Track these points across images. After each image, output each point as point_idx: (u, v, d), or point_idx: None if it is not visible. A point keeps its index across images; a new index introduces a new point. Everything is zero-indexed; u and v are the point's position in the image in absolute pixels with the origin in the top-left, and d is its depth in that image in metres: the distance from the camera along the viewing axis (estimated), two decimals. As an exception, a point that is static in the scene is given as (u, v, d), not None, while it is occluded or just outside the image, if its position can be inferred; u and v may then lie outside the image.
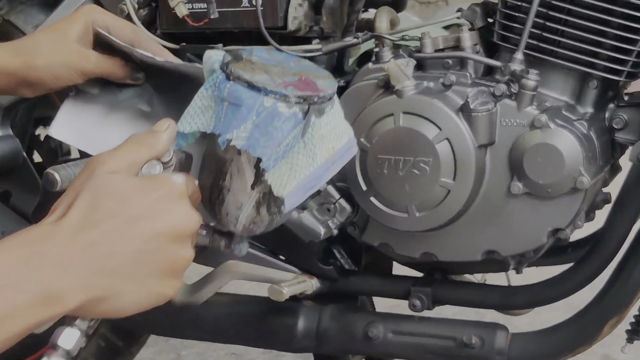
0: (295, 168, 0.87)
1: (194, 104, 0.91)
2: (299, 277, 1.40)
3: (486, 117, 1.25)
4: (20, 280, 0.75)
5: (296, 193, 0.87)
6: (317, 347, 1.44)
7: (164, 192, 0.82)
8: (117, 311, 0.82)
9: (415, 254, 1.35)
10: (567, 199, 1.25)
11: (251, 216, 0.91)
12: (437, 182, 1.26)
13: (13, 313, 0.75)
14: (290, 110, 0.88)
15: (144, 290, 0.81)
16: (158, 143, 0.86)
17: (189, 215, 0.83)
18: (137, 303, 0.82)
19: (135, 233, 0.80)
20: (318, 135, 0.90)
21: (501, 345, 1.34)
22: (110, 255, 0.79)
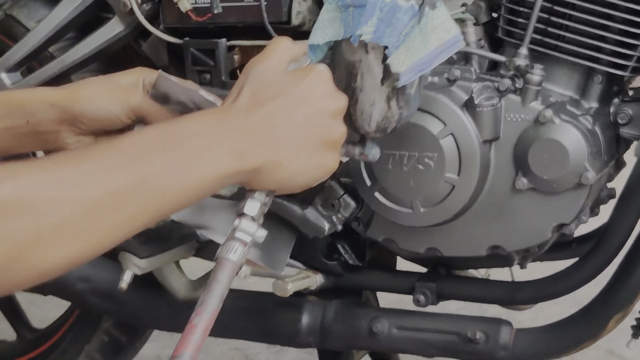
0: (411, 50, 0.98)
1: (321, 18, 1.01)
2: (303, 273, 1.40)
3: (491, 112, 1.25)
4: (211, 137, 0.87)
5: (410, 71, 0.98)
6: (321, 343, 1.44)
7: (314, 76, 0.94)
8: (290, 178, 0.92)
9: (419, 249, 1.34)
10: (572, 194, 1.25)
11: (383, 111, 1.00)
12: (441, 178, 1.26)
13: (209, 159, 0.86)
14: (408, 3, 0.99)
15: (311, 160, 0.93)
16: (297, 46, 0.98)
17: (337, 95, 0.96)
18: (306, 172, 0.93)
19: (297, 111, 0.92)
20: (431, 25, 1.00)
21: (505, 341, 1.34)
22: (280, 127, 0.91)
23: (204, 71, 1.45)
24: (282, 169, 0.91)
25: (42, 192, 0.78)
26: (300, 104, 0.92)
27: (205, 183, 0.87)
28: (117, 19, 1.50)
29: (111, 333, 1.75)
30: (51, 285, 1.53)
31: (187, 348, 0.86)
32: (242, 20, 1.41)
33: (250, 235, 0.92)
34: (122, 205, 0.81)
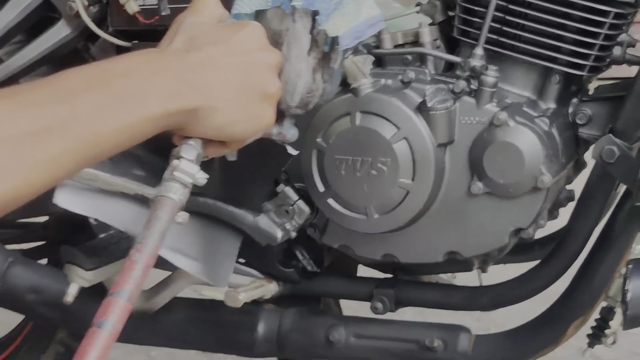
0: (346, 16, 1.01)
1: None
2: (256, 282, 1.36)
3: (445, 115, 1.22)
4: (146, 75, 0.85)
5: (348, 37, 1.01)
6: (278, 352, 1.40)
7: (250, 29, 0.94)
8: (226, 125, 0.91)
9: (376, 255, 1.31)
10: (528, 198, 1.22)
11: (308, 83, 0.99)
12: (395, 183, 1.22)
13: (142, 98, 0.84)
14: None
15: (248, 109, 0.92)
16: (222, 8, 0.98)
17: (273, 49, 0.96)
18: (243, 121, 0.92)
19: (235, 58, 0.92)
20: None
21: (464, 348, 1.31)
22: (218, 72, 0.90)
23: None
24: (219, 115, 0.89)
25: None
26: (238, 52, 0.92)
27: (138, 124, 0.84)
28: (64, 22, 1.46)
29: (67, 343, 1.71)
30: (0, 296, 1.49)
31: (127, 284, 0.83)
32: (191, 22, 1.36)
33: (190, 177, 0.90)
34: (49, 143, 0.78)
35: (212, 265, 1.27)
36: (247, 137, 0.94)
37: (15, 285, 1.48)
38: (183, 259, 1.25)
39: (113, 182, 1.23)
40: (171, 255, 1.24)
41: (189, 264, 1.26)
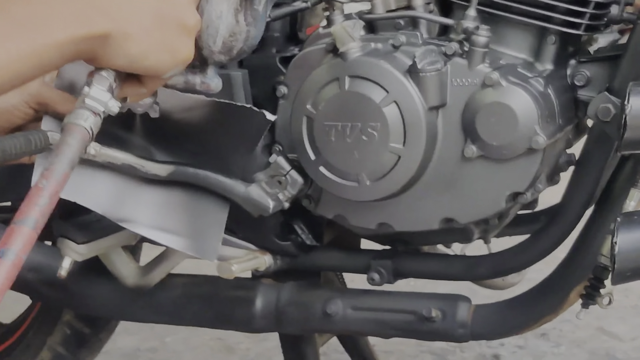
0: None
1: None
2: (250, 254, 1.34)
3: (435, 77, 1.19)
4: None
5: None
6: (276, 327, 1.38)
7: None
8: (141, 55, 0.85)
9: (371, 225, 1.28)
10: (524, 161, 1.18)
11: (231, 25, 0.94)
12: (386, 148, 1.20)
13: (46, 22, 0.79)
14: None
15: (165, 40, 0.86)
16: None
17: None
18: (159, 52, 0.86)
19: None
20: None
21: (463, 318, 1.28)
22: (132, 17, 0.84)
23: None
24: (131, 43, 0.84)
25: None
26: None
27: (43, 51, 0.79)
28: None
29: (73, 325, 1.70)
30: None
31: (32, 211, 0.77)
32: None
33: (101, 105, 0.85)
34: None
35: (198, 239, 1.25)
36: (163, 71, 0.88)
37: (15, 265, 1.47)
38: (167, 236, 1.23)
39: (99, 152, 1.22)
40: (154, 234, 1.23)
41: (174, 240, 1.24)
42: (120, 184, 1.23)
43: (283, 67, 1.33)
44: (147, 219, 1.22)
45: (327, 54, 1.26)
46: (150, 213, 1.23)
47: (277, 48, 1.39)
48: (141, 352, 2.24)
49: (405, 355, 2.20)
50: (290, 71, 1.30)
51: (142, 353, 2.25)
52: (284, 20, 1.39)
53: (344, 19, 1.28)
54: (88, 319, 1.69)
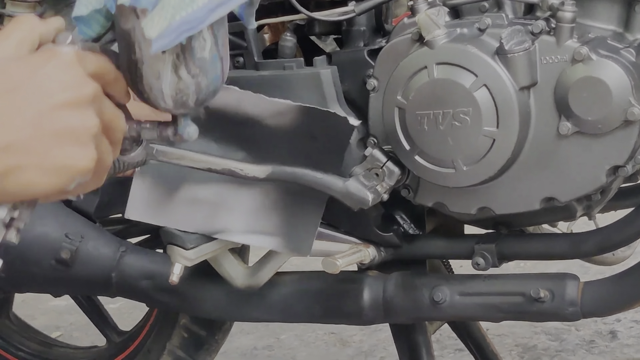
0: (166, 9, 0.82)
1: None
2: (354, 247, 1.35)
3: (524, 56, 1.18)
4: None
5: (168, 35, 0.82)
6: (385, 317, 1.39)
7: (53, 63, 0.80)
8: (26, 187, 0.79)
9: (471, 210, 1.28)
10: (621, 134, 1.17)
11: (174, 83, 0.86)
12: (480, 132, 1.19)
13: None
14: None
15: (48, 162, 0.79)
16: (42, 24, 0.84)
17: (81, 82, 0.81)
18: (45, 177, 0.79)
19: (25, 107, 0.79)
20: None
21: (572, 296, 1.26)
22: (2, 134, 0.78)
23: (236, 55, 1.42)
24: (12, 180, 0.78)
25: None
26: (30, 98, 0.79)
27: None
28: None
29: (189, 328, 1.74)
30: (116, 286, 1.54)
31: None
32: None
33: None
34: None
35: (292, 236, 1.27)
36: (62, 188, 0.80)
37: (130, 273, 1.53)
38: (261, 238, 1.25)
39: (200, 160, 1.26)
40: (248, 238, 1.25)
41: (268, 241, 1.26)
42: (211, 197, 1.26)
43: (371, 60, 1.34)
44: (241, 225, 1.25)
45: (414, 44, 1.26)
46: (243, 219, 1.26)
47: (365, 41, 1.40)
48: (258, 351, 2.29)
49: (520, 337, 2.18)
50: (378, 64, 1.31)
51: (259, 351, 2.29)
52: (369, 13, 1.39)
53: (428, 7, 1.28)
54: (204, 321, 1.74)
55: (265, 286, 1.42)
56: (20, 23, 0.84)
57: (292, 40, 1.40)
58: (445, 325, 1.65)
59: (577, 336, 2.16)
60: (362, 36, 1.40)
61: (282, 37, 1.41)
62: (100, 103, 0.83)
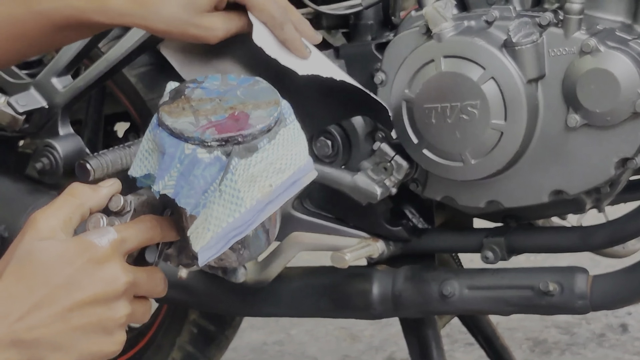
0: (209, 220, 0.83)
1: (142, 146, 0.89)
2: (362, 242, 1.35)
3: (531, 49, 1.18)
4: None
5: (214, 245, 0.83)
6: (394, 312, 1.39)
7: (85, 257, 0.82)
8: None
9: (479, 203, 1.28)
10: (629, 125, 1.16)
11: (216, 255, 0.87)
12: (488, 125, 1.19)
13: None
14: (211, 155, 0.84)
15: (74, 354, 0.82)
16: (95, 196, 0.85)
17: (113, 277, 0.83)
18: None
19: (55, 301, 0.81)
20: (245, 176, 0.84)
21: (582, 289, 1.26)
22: (30, 328, 0.80)
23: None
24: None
25: None
26: (60, 296, 0.81)
27: None
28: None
29: (199, 324, 1.74)
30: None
31: None
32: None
33: None
34: None
35: None
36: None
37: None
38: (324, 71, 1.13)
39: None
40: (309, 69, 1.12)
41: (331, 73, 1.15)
42: None
43: (379, 53, 1.34)
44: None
45: (421, 37, 1.26)
46: None
47: (372, 35, 1.40)
48: (268, 346, 2.29)
49: (530, 331, 2.18)
50: (386, 57, 1.30)
51: (269, 347, 2.29)
52: (377, 6, 1.39)
53: (435, 0, 1.28)
54: (213, 317, 1.74)
55: (274, 281, 1.42)
56: (72, 196, 0.85)
57: (300, 35, 1.40)
58: (455, 319, 1.65)
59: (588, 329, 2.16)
60: (370, 30, 1.40)
61: (289, 31, 1.40)
62: (134, 288, 0.84)
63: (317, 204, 1.41)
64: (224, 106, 0.88)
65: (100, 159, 1.12)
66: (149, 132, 0.88)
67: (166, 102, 0.89)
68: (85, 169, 1.11)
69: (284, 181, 0.86)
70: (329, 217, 1.41)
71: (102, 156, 1.13)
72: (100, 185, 0.87)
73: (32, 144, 1.60)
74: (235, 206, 0.83)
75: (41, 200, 1.52)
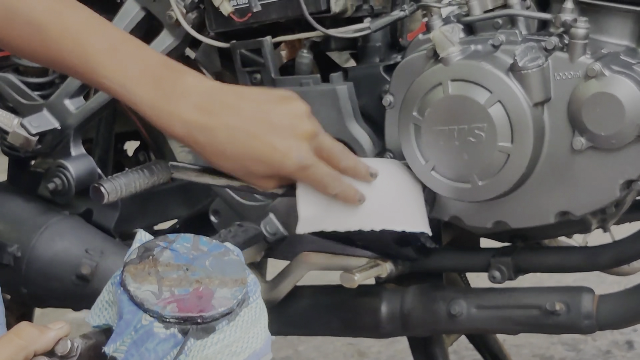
0: None
1: (102, 297, 0.89)
2: (371, 262, 1.37)
3: (537, 73, 1.20)
4: None
5: None
6: (403, 331, 1.41)
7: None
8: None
9: (486, 224, 1.30)
10: (634, 148, 1.18)
11: None
12: (495, 148, 1.21)
13: None
14: (167, 332, 0.83)
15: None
16: (41, 338, 0.84)
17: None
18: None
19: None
20: (198, 358, 0.83)
21: (588, 309, 1.28)
22: None
23: (253, 72, 1.44)
24: None
25: None
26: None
27: None
28: (167, 31, 1.51)
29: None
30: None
31: None
32: (283, 16, 1.39)
33: None
34: None
35: (409, 214, 1.25)
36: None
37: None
38: (381, 220, 1.21)
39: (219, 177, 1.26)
40: (367, 223, 1.21)
41: (389, 221, 1.22)
42: None
43: (387, 75, 1.36)
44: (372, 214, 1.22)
45: (429, 60, 1.28)
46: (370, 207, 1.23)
47: (380, 57, 1.42)
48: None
49: (537, 348, 2.19)
50: (394, 80, 1.32)
51: (278, 363, 2.31)
52: (384, 29, 1.41)
53: (442, 24, 1.30)
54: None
55: (284, 300, 1.44)
56: (17, 337, 0.83)
57: (309, 57, 1.42)
58: (462, 337, 1.66)
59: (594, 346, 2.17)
60: (378, 52, 1.42)
61: (298, 53, 1.43)
62: None
63: (326, 224, 1.43)
64: (189, 278, 0.87)
65: (115, 182, 1.14)
66: (111, 285, 0.87)
67: (132, 260, 0.88)
68: (100, 192, 1.13)
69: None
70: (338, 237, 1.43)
71: (116, 179, 1.15)
72: (48, 327, 0.86)
73: (44, 163, 1.62)
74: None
75: (53, 220, 1.55)
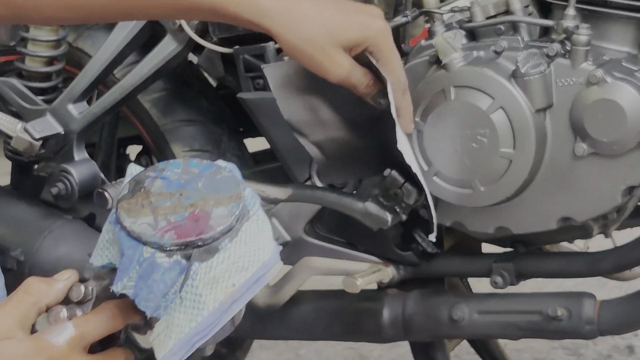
0: (171, 327, 0.81)
1: (102, 237, 0.88)
2: (373, 267, 1.37)
3: (539, 79, 1.20)
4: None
5: (177, 352, 0.81)
6: (405, 336, 1.41)
7: (43, 359, 0.82)
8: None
9: (488, 229, 1.30)
10: (636, 155, 1.19)
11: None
12: (497, 153, 1.22)
13: None
14: (170, 260, 0.82)
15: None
16: (50, 292, 0.85)
17: None
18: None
19: None
20: (207, 279, 0.81)
21: (589, 315, 1.28)
22: None
23: (256, 77, 1.45)
24: None
25: None
26: None
27: None
28: (170, 37, 1.52)
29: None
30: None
31: None
32: (285, 21, 1.39)
33: None
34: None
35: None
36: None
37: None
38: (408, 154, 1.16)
39: None
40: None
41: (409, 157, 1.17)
42: None
43: (389, 82, 1.36)
44: None
45: (431, 66, 1.29)
46: None
47: (383, 63, 1.42)
48: (279, 366, 2.31)
49: (538, 352, 2.19)
50: (397, 85, 1.33)
51: (279, 367, 2.31)
52: (386, 35, 1.42)
53: (444, 30, 1.30)
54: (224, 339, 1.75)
55: (286, 304, 1.44)
56: (27, 294, 0.85)
57: (311, 62, 1.42)
58: (463, 341, 1.66)
59: (595, 351, 2.17)
60: (380, 58, 1.42)
61: (301, 59, 1.43)
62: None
63: (329, 229, 1.44)
64: (184, 203, 0.84)
65: (119, 187, 1.15)
66: (109, 224, 0.86)
67: (125, 196, 0.86)
68: (104, 197, 1.13)
69: (248, 279, 0.84)
70: (340, 242, 1.43)
71: (120, 184, 1.16)
72: (55, 279, 0.86)
73: (47, 167, 1.63)
74: (197, 310, 0.81)
75: (56, 224, 1.55)
